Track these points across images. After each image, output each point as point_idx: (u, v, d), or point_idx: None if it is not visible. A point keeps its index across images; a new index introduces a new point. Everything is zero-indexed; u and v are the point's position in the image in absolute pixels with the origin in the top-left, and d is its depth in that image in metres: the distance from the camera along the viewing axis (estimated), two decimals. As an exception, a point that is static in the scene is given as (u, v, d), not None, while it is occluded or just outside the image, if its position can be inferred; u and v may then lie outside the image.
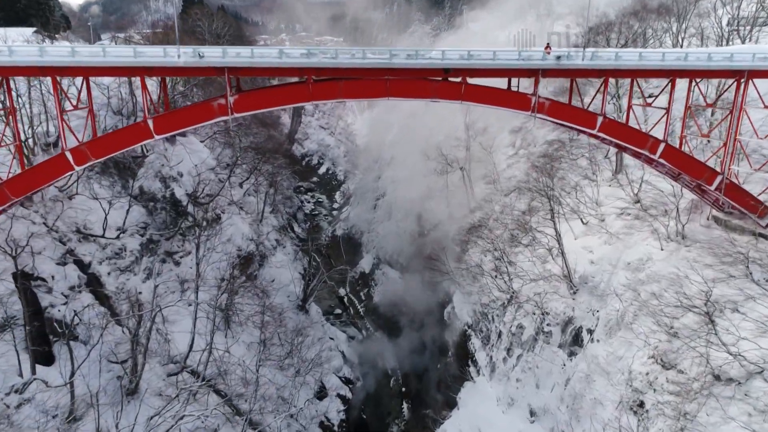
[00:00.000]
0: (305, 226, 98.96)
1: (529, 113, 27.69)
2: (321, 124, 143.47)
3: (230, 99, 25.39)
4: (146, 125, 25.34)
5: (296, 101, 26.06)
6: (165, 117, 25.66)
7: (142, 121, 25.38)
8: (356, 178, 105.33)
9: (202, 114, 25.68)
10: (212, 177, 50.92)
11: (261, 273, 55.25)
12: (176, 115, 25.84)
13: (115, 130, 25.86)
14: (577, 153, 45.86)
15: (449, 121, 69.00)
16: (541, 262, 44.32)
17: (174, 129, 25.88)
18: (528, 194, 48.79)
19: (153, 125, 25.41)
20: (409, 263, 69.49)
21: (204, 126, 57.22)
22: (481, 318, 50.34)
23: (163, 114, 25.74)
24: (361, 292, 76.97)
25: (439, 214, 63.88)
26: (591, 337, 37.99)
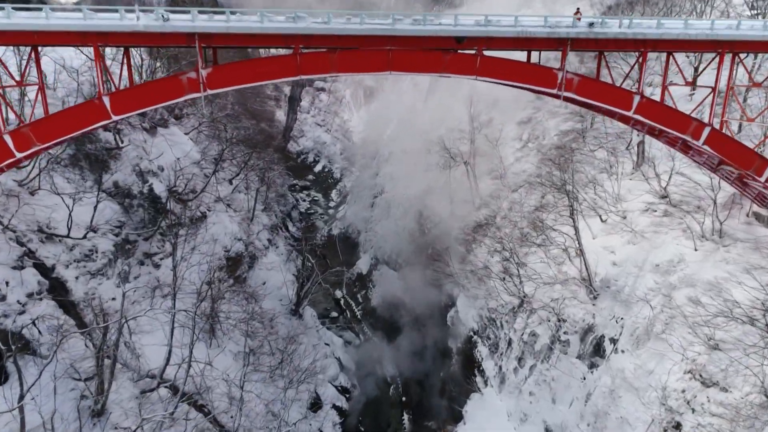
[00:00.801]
0: (300, 225, 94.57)
1: (555, 91, 23.29)
2: (317, 121, 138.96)
3: (202, 72, 20.94)
4: (101, 103, 20.85)
5: (281, 75, 21.65)
6: (124, 94, 21.19)
7: (96, 98, 20.91)
8: (353, 176, 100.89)
9: (170, 90, 21.21)
10: (197, 172, 46.38)
11: (251, 275, 50.74)
12: (138, 91, 21.35)
13: (64, 109, 21.29)
14: (595, 144, 41.47)
15: (451, 114, 64.64)
16: (555, 264, 39.97)
17: (136, 108, 21.40)
18: (539, 190, 44.47)
19: (110, 104, 20.94)
20: (408, 263, 65.07)
21: (189, 116, 52.82)
22: (489, 324, 45.99)
23: (122, 90, 21.30)
24: (358, 294, 72.53)
25: (441, 211, 59.50)
26: (615, 348, 33.66)
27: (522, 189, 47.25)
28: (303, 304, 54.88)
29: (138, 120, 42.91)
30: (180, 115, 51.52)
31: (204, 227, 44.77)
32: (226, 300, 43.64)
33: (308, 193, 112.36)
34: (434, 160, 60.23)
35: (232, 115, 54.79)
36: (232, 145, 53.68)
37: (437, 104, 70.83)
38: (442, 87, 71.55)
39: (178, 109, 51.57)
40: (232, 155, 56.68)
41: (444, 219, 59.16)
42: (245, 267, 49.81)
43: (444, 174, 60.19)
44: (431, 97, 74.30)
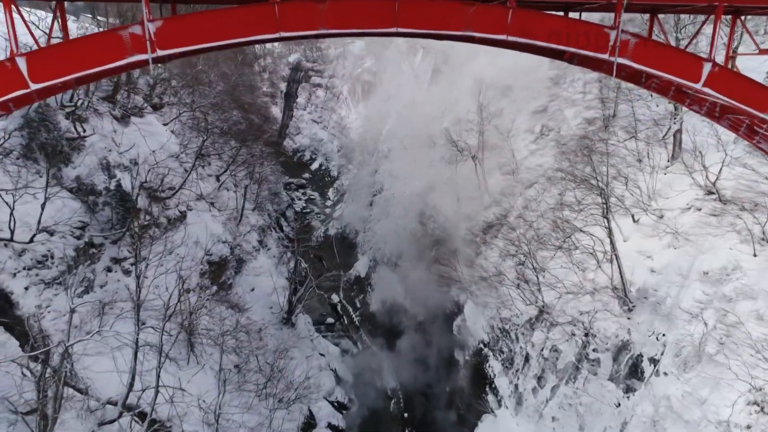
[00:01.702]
0: (295, 225, 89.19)
1: (606, 56, 18.02)
2: (313, 118, 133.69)
3: (150, 26, 15.61)
4: (15, 67, 15.52)
5: (256, 31, 16.29)
6: (46, 54, 15.84)
7: (8, 60, 15.59)
8: (350, 174, 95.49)
9: (107, 49, 15.85)
10: (176, 166, 40.95)
11: (237, 281, 45.35)
12: (65, 50, 15.96)
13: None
14: (623, 134, 36.14)
15: (457, 105, 59.37)
16: (580, 270, 34.68)
17: (63, 73, 16.01)
18: (558, 186, 39.16)
19: (27, 67, 15.61)
20: (410, 266, 59.68)
21: (171, 106, 47.33)
22: (501, 336, 40.68)
23: (44, 49, 15.98)
24: (356, 298, 67.16)
25: (446, 210, 54.18)
26: (656, 370, 28.36)
27: (538, 185, 41.95)
28: (296, 311, 49.54)
29: (107, 107, 37.49)
30: (160, 105, 46.08)
31: (183, 228, 39.34)
32: (207, 310, 38.36)
33: (304, 192, 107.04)
34: (438, 155, 54.94)
35: (218, 104, 49.25)
36: (219, 138, 48.26)
37: (440, 95, 65.54)
38: (445, 76, 66.28)
39: (158, 97, 46.14)
40: (219, 149, 51.36)
41: (449, 218, 53.84)
42: (231, 272, 44.42)
43: (449, 169, 54.91)
44: (433, 88, 68.98)
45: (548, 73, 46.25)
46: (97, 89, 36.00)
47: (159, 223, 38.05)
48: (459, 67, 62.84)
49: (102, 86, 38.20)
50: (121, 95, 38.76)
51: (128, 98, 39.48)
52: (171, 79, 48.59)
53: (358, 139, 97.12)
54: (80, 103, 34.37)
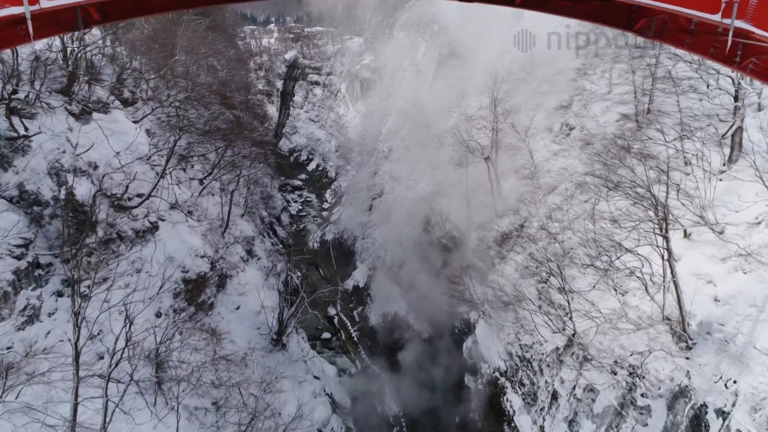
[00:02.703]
0: (291, 230, 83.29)
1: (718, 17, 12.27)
2: (310, 117, 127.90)
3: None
4: None
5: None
6: None
7: None
8: (349, 175, 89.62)
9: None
10: (146, 170, 35.01)
11: (220, 299, 39.43)
12: None
13: None
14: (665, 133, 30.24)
15: (464, 101, 53.59)
16: (620, 294, 28.84)
17: None
18: (589, 193, 33.29)
19: None
20: (413, 277, 53.87)
21: (147, 102, 41.29)
22: (522, 365, 34.82)
23: None
24: (354, 310, 61.28)
25: (454, 217, 48.39)
26: (726, 425, 22.55)
27: (562, 191, 36.07)
28: (287, 331, 43.68)
29: (62, 101, 31.50)
30: (132, 99, 40.10)
31: (153, 242, 33.41)
32: (181, 338, 32.46)
33: (300, 194, 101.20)
34: (444, 156, 49.05)
35: (200, 100, 43.16)
36: (203, 138, 42.31)
37: (445, 91, 59.62)
38: (451, 70, 60.37)
39: (130, 91, 40.12)
40: (204, 150, 45.41)
41: (457, 226, 48.01)
42: (212, 290, 38.49)
43: (457, 172, 49.05)
44: (437, 83, 63.07)
45: (572, 64, 40.40)
46: (46, 78, 30.01)
47: (123, 237, 32.09)
48: (466, 60, 56.96)
49: (57, 77, 32.24)
50: (79, 87, 32.79)
51: (89, 91, 33.46)
52: (147, 70, 42.62)
53: (356, 138, 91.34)
54: (24, 96, 28.40)
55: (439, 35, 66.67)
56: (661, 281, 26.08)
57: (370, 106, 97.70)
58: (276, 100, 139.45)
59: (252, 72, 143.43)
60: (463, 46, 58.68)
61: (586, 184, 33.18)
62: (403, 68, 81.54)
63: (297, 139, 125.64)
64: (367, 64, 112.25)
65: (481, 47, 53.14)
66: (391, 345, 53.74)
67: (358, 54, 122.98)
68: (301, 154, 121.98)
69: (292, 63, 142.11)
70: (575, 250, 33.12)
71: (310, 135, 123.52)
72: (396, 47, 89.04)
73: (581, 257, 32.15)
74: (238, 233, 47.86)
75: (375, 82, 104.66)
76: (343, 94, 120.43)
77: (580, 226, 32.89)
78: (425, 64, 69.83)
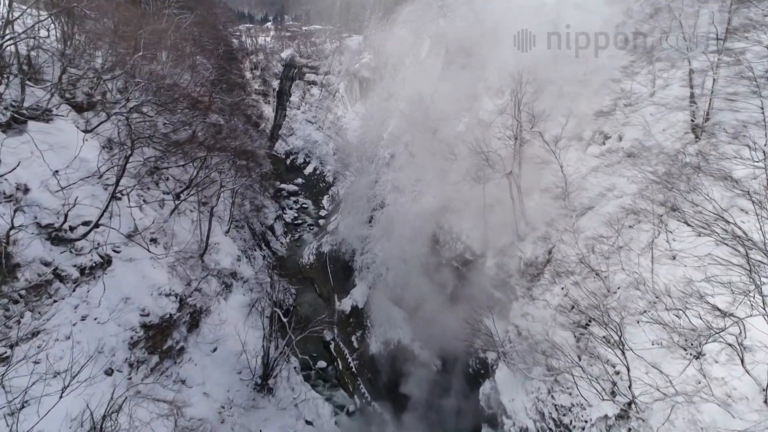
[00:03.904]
0: (285, 240, 76.51)
1: None
2: (308, 118, 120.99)
3: None
4: None
5: None
6: None
7: None
8: (347, 181, 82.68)
9: None
10: (99, 192, 28.04)
11: (192, 342, 32.58)
12: None
13: None
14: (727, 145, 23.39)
15: (477, 104, 46.66)
16: (693, 357, 21.96)
17: None
18: (644, 220, 26.37)
19: None
20: (419, 301, 47.04)
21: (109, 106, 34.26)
22: (557, 430, 27.98)
23: None
24: (353, 335, 54.44)
25: (468, 238, 41.54)
26: None
27: (604, 214, 29.11)
28: (275, 372, 36.93)
29: (-19, 107, 24.55)
30: (89, 104, 33.10)
31: (102, 281, 26.50)
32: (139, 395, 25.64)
33: (296, 200, 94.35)
34: (455, 167, 42.10)
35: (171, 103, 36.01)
36: (172, 149, 35.33)
37: (453, 91, 52.64)
38: (461, 69, 53.36)
39: (85, 93, 33.09)
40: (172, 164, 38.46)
41: (471, 248, 41.12)
42: (182, 332, 31.61)
43: (468, 185, 42.10)
44: (445, 83, 56.09)
45: (615, 61, 33.39)
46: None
47: (64, 277, 25.18)
48: (479, 57, 49.95)
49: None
50: (6, 88, 25.81)
51: (22, 92, 26.47)
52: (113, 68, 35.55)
53: (355, 142, 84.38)
54: None
55: (446, 31, 59.63)
56: (759, 346, 19.30)
57: (369, 107, 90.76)
58: (272, 101, 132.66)
59: (247, 71, 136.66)
60: (474, 42, 51.65)
61: (640, 210, 26.23)
62: (406, 67, 74.56)
63: (293, 141, 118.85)
64: (367, 62, 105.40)
65: (494, 44, 46.11)
66: (393, 378, 46.96)
67: (357, 52, 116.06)
68: (297, 156, 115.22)
69: (289, 62, 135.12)
70: (625, 290, 26.26)
71: (307, 137, 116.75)
72: (397, 45, 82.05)
73: (634, 301, 25.30)
74: (219, 257, 40.96)
75: (375, 81, 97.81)
76: (341, 94, 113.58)
77: (631, 262, 26.02)
78: (430, 63, 62.80)
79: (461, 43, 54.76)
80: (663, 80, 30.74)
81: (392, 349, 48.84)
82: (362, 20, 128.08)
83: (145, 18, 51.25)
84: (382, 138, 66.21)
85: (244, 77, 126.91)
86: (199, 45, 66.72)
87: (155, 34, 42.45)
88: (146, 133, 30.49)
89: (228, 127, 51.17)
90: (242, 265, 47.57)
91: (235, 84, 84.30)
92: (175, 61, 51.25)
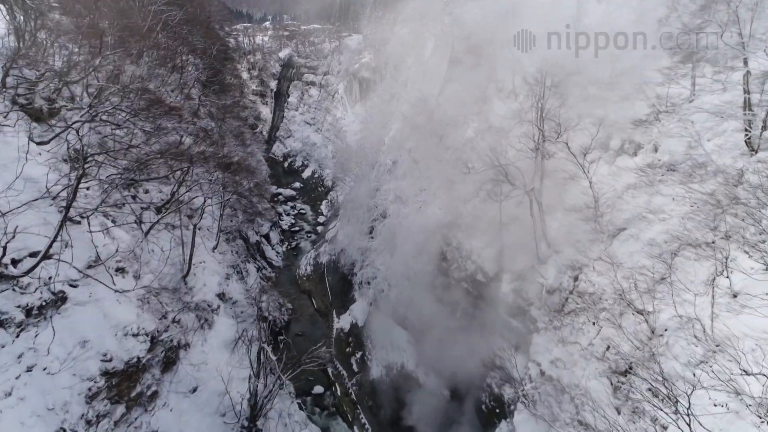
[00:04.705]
0: (282, 248, 72.02)
1: None
2: (306, 119, 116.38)
3: None
4: None
5: None
6: None
7: None
8: (346, 187, 78.11)
9: None
10: (51, 217, 23.50)
11: (167, 384, 28.04)
12: None
13: None
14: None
15: (487, 107, 42.13)
16: None
17: None
18: (702, 253, 21.84)
19: None
20: (425, 323, 42.58)
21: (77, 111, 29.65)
22: (592, 497, 23.50)
23: None
24: (352, 356, 49.90)
25: (478, 256, 37.04)
26: None
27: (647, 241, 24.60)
28: (264, 411, 32.39)
29: None
30: (51, 110, 28.53)
31: (51, 324, 21.97)
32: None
33: (293, 205, 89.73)
34: (468, 179, 37.55)
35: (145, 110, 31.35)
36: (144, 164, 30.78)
37: (460, 93, 48.07)
38: (468, 70, 48.80)
39: (45, 99, 28.56)
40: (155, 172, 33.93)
41: (482, 268, 36.61)
42: (155, 373, 27.09)
43: (479, 197, 37.74)
44: (451, 85, 51.52)
45: (650, 62, 28.76)
46: None
47: (5, 321, 20.69)
48: (487, 56, 45.37)
49: None
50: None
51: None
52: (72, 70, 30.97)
53: (355, 146, 79.76)
54: None
55: (452, 28, 55.01)
56: None
57: (370, 109, 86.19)
58: (270, 101, 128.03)
59: (245, 71, 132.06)
60: (483, 40, 47.08)
61: (694, 240, 21.71)
62: (408, 67, 69.96)
63: (291, 143, 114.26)
64: (367, 62, 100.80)
65: (507, 41, 41.54)
66: (396, 408, 42.53)
67: (357, 52, 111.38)
68: (295, 159, 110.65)
69: (287, 62, 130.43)
70: (674, 333, 21.78)
71: (305, 139, 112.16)
72: (398, 44, 77.53)
73: (688, 349, 20.82)
74: (205, 277, 36.46)
75: (375, 82, 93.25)
76: (340, 95, 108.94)
77: (680, 298, 21.51)
78: (435, 63, 58.20)
79: (469, 42, 50.17)
80: (709, 83, 26.16)
81: (395, 374, 44.40)
82: (362, 19, 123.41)
83: (125, 14, 46.64)
84: (383, 143, 61.63)
85: (240, 78, 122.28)
86: (189, 44, 62.08)
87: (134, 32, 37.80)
88: (111, 145, 25.85)
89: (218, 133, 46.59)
90: (231, 283, 43.08)
91: (230, 85, 79.66)
92: (159, 61, 46.70)
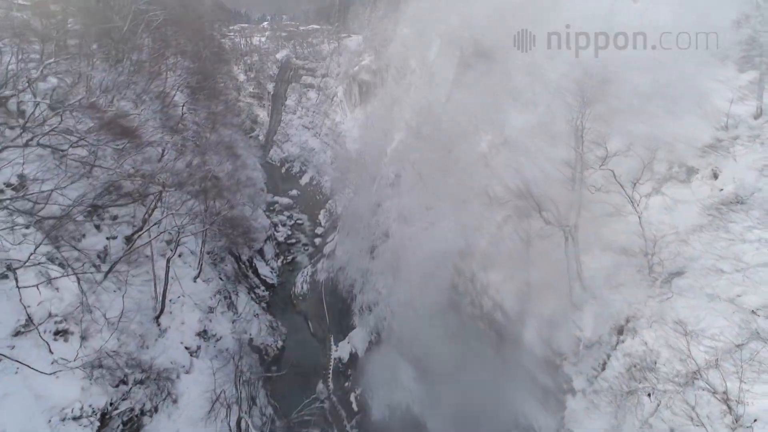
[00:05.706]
0: (276, 266, 66.74)
1: None
2: (304, 123, 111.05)
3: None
4: None
5: None
6: None
7: None
8: (345, 197, 72.83)
9: None
10: None
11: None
12: None
13: None
14: None
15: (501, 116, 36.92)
16: None
17: None
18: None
19: None
20: (433, 362, 37.30)
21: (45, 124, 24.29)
22: None
23: None
24: (351, 392, 44.62)
25: (497, 292, 31.73)
26: None
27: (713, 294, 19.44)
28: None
29: None
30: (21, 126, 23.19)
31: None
32: None
33: (290, 215, 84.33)
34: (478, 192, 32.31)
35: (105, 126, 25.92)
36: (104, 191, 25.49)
37: (470, 101, 42.76)
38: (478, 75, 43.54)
39: None
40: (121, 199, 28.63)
41: (502, 306, 31.35)
42: None
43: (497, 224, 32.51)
44: (460, 91, 46.25)
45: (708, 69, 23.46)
46: None
47: None
48: (503, 60, 40.06)
49: None
50: None
51: None
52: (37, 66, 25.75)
53: (355, 155, 74.46)
54: None
55: (460, 30, 49.66)
56: None
57: (370, 114, 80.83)
58: (267, 104, 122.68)
59: (241, 73, 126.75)
60: (495, 43, 41.83)
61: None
62: (411, 71, 64.58)
63: (289, 148, 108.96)
64: (367, 65, 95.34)
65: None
66: (403, 457, 37.34)
67: (357, 53, 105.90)
68: (293, 165, 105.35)
69: (284, 63, 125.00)
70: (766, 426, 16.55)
71: (303, 144, 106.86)
72: (401, 46, 72.10)
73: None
74: (180, 320, 31.23)
75: (376, 85, 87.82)
76: (339, 98, 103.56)
77: None
78: (441, 67, 52.81)
79: (479, 46, 44.88)
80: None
81: (398, 417, 39.21)
82: (362, 19, 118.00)
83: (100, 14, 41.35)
84: (385, 154, 56.30)
85: (237, 80, 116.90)
86: (176, 47, 56.75)
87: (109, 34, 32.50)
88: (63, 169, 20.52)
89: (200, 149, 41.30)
90: (215, 317, 37.89)
91: (222, 90, 74.23)
92: (136, 67, 41.37)
